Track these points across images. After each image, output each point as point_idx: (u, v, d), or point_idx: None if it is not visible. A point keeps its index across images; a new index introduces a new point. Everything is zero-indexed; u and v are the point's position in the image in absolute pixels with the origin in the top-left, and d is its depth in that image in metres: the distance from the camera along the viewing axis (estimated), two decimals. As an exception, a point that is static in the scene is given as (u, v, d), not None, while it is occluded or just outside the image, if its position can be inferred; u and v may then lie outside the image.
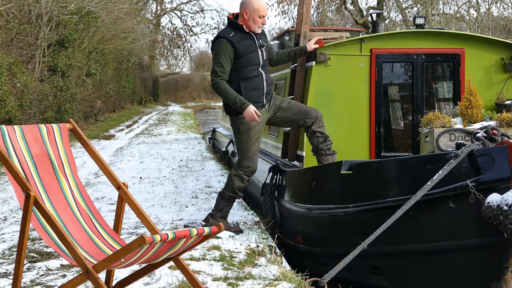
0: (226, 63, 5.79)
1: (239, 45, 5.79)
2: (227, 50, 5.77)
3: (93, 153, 3.62)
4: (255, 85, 5.90)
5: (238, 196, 6.17)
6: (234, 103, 5.75)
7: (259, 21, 5.85)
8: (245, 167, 6.05)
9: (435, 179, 4.36)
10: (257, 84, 5.91)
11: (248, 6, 5.85)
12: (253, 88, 5.89)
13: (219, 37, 5.83)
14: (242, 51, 5.81)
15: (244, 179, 6.09)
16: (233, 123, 6.04)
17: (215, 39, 5.90)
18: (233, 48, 5.78)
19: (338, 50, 6.83)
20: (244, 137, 5.99)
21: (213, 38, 5.95)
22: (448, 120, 5.80)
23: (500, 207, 4.07)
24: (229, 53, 5.78)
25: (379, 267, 5.13)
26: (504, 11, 29.18)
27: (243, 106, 5.73)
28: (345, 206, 5.13)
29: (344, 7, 34.10)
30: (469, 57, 6.91)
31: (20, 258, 3.15)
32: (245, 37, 5.85)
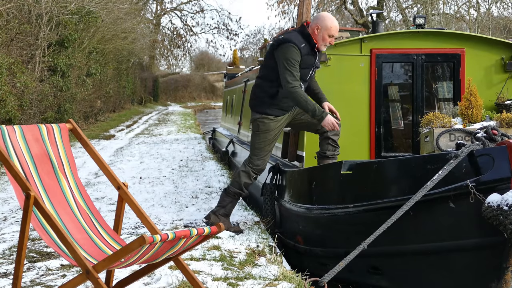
0: (297, 69, 5.76)
1: (304, 58, 5.80)
2: (297, 57, 5.74)
3: (93, 153, 3.62)
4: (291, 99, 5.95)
5: (243, 192, 6.21)
6: (313, 111, 5.78)
7: (327, 40, 5.82)
8: (254, 165, 6.11)
9: (435, 179, 4.35)
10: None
11: (320, 22, 5.82)
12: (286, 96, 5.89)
13: (291, 43, 5.74)
14: (301, 65, 5.82)
15: (251, 176, 6.14)
16: (254, 121, 6.08)
17: (285, 42, 5.78)
18: (300, 58, 5.77)
19: (338, 50, 6.84)
20: (261, 137, 6.05)
21: (282, 40, 5.82)
22: (448, 120, 5.80)
23: (500, 207, 4.07)
24: (298, 60, 5.76)
25: (379, 267, 5.13)
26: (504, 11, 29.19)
27: (322, 115, 5.78)
28: (345, 206, 5.13)
29: (344, 7, 34.11)
30: (469, 57, 6.91)
31: (20, 258, 3.15)
32: (310, 53, 5.84)
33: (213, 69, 61.32)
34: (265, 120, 5.99)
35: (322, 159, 6.09)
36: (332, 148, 6.07)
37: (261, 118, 6.02)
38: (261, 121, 6.01)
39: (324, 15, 5.88)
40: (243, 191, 6.21)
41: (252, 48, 61.15)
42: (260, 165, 6.12)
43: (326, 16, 5.86)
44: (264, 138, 6.04)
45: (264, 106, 6.00)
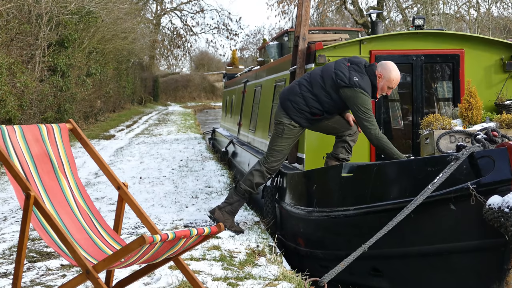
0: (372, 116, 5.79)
1: None
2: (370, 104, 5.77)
3: (93, 153, 3.62)
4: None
5: (254, 191, 6.26)
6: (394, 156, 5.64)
7: (385, 91, 5.85)
8: (271, 166, 6.19)
9: (436, 182, 4.35)
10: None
11: (384, 72, 5.79)
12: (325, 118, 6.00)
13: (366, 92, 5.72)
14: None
15: (265, 176, 6.22)
16: (281, 124, 6.07)
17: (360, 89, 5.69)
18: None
19: (337, 51, 6.84)
20: (284, 141, 6.12)
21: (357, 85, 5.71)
22: (448, 122, 5.79)
23: (501, 209, 4.06)
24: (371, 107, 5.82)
25: (380, 269, 5.12)
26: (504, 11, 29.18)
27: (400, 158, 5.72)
28: (346, 209, 5.13)
29: (344, 7, 34.09)
30: (469, 57, 6.91)
31: (20, 258, 3.15)
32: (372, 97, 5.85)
33: (213, 69, 61.33)
34: (292, 126, 6.05)
35: (332, 161, 6.09)
36: (345, 152, 6.11)
37: (289, 124, 6.05)
38: (288, 126, 6.06)
39: (390, 66, 5.78)
40: (254, 190, 6.26)
41: (252, 48, 61.12)
42: (276, 166, 6.21)
43: (391, 68, 5.77)
44: (286, 142, 6.13)
45: (300, 116, 5.99)
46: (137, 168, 11.66)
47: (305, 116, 5.96)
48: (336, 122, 6.08)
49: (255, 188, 6.25)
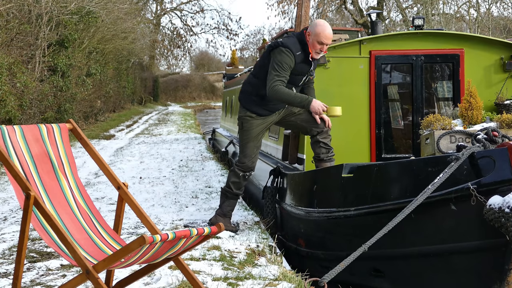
0: (286, 73, 5.77)
1: (298, 65, 5.80)
2: (290, 63, 5.75)
3: (93, 153, 3.62)
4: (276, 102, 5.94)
5: (231, 191, 6.15)
6: (299, 102, 5.80)
7: (317, 47, 5.75)
8: (240, 163, 6.11)
9: (436, 182, 4.34)
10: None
11: (311, 28, 5.77)
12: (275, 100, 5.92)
13: (287, 48, 5.74)
14: (295, 71, 5.83)
15: (237, 174, 6.11)
16: (239, 119, 6.11)
17: (281, 46, 5.76)
18: (294, 64, 5.77)
19: (337, 52, 6.83)
20: (244, 134, 6.07)
21: (279, 44, 5.80)
22: (449, 122, 5.79)
23: (501, 210, 4.06)
24: (290, 66, 5.77)
25: (381, 270, 5.12)
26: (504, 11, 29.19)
27: (308, 101, 5.79)
28: (347, 209, 5.12)
29: (344, 7, 34.10)
30: (468, 57, 6.91)
31: (20, 258, 3.14)
32: (305, 60, 5.83)
33: (213, 69, 61.31)
34: (248, 117, 6.00)
35: (319, 163, 6.09)
36: (325, 150, 6.04)
37: (245, 116, 6.03)
38: (245, 118, 6.03)
39: (317, 22, 5.79)
40: (231, 189, 6.16)
41: (252, 48, 61.13)
42: (246, 162, 6.07)
43: (318, 23, 5.76)
44: (247, 135, 6.04)
45: (251, 103, 5.99)
46: (137, 168, 11.66)
47: (254, 101, 5.96)
48: (304, 120, 6.05)
49: (232, 188, 6.14)
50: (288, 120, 6.16)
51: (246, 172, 6.12)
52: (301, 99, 5.79)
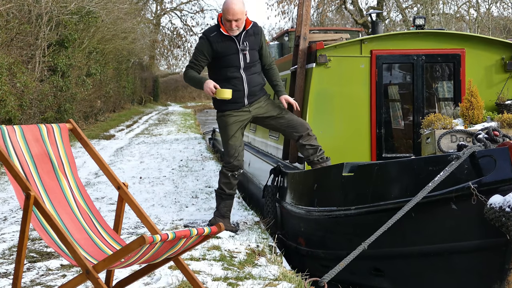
0: (200, 59, 5.90)
1: (217, 46, 5.81)
2: (204, 48, 5.86)
3: (93, 153, 3.61)
4: (233, 86, 5.88)
5: (224, 192, 6.09)
6: (197, 84, 5.90)
7: (227, 24, 5.77)
8: (225, 162, 6.08)
9: (436, 180, 4.35)
10: (236, 86, 5.88)
11: (222, 7, 5.85)
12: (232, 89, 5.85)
13: (202, 33, 5.94)
14: (220, 52, 5.83)
15: (226, 175, 6.07)
16: (217, 119, 6.13)
17: (203, 33, 5.98)
18: (211, 47, 5.83)
19: (338, 51, 6.83)
20: (223, 133, 6.06)
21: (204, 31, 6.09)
22: (449, 122, 5.78)
23: (502, 209, 4.06)
24: (205, 50, 5.86)
25: (381, 269, 5.11)
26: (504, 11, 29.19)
27: (201, 82, 5.84)
28: (347, 208, 5.12)
29: (344, 7, 34.11)
30: (469, 57, 6.90)
31: (20, 258, 3.14)
32: (225, 39, 5.82)
33: (213, 69, 61.12)
34: (221, 116, 6.02)
35: (313, 165, 6.06)
36: (312, 151, 6.02)
37: (218, 116, 6.06)
38: (219, 118, 6.05)
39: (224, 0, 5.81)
40: (224, 191, 6.09)
41: (252, 48, 61.11)
42: (231, 161, 6.01)
43: (224, 1, 5.80)
44: (225, 134, 6.01)
45: (218, 102, 5.98)
46: (137, 168, 11.65)
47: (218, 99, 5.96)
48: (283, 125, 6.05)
49: (224, 189, 6.10)
50: (269, 123, 6.15)
51: (234, 171, 6.06)
52: (199, 81, 5.88)
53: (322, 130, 6.77)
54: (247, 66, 5.91)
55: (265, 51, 6.09)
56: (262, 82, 6.10)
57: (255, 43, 5.95)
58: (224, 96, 5.74)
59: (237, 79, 5.89)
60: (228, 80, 5.89)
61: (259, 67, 6.07)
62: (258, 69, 6.04)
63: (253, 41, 5.93)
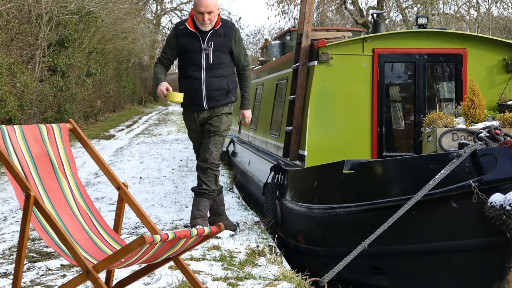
0: (167, 50, 5.75)
1: (182, 40, 5.65)
2: (172, 39, 5.73)
3: (93, 153, 3.60)
4: (191, 86, 5.69)
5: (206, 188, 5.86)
6: (156, 83, 5.72)
7: (199, 18, 5.53)
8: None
9: (437, 178, 4.34)
10: (194, 86, 5.68)
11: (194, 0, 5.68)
12: (189, 89, 5.68)
13: (175, 26, 5.80)
14: (184, 46, 5.67)
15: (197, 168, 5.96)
16: None
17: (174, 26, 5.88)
18: (176, 41, 5.70)
19: (340, 49, 6.82)
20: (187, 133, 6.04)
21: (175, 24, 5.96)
22: (451, 120, 5.78)
23: (503, 207, 4.06)
24: (172, 42, 5.73)
25: (381, 267, 5.11)
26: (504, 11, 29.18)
27: (158, 82, 5.68)
28: (347, 206, 5.12)
29: (344, 7, 34.09)
30: (471, 57, 6.89)
31: (20, 258, 3.12)
32: (189, 34, 5.65)
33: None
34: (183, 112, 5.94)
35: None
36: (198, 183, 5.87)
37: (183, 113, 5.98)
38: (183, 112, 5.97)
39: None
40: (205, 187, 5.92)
41: (252, 48, 61.12)
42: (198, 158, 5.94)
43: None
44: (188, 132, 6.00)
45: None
46: (137, 168, 11.64)
47: None
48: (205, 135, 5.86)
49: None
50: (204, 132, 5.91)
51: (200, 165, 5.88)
52: (157, 80, 5.71)
53: (323, 128, 6.76)
54: (210, 67, 5.65)
55: (238, 54, 5.78)
56: (225, 87, 5.77)
57: (223, 45, 5.67)
58: (175, 100, 5.49)
59: (196, 80, 5.67)
60: (188, 78, 5.71)
61: (227, 70, 5.76)
62: (224, 73, 5.74)
63: (221, 42, 5.65)
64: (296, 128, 6.87)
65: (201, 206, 5.83)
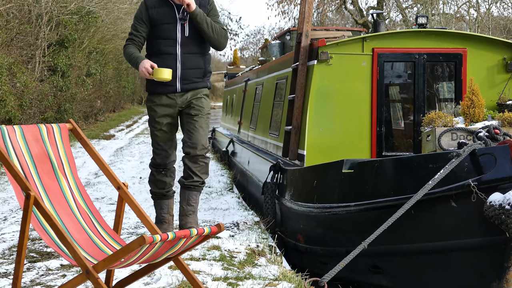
0: (138, 26, 5.10)
1: (153, 11, 5.05)
2: (141, 12, 5.12)
3: (93, 153, 3.60)
4: (164, 64, 5.00)
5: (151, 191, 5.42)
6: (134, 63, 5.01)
7: None
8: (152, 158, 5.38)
9: (436, 178, 4.35)
10: (167, 63, 5.02)
11: None
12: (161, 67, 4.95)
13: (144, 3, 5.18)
14: (155, 19, 5.06)
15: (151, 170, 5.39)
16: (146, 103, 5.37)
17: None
18: (147, 13, 5.08)
19: (340, 49, 6.82)
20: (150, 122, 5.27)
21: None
22: (450, 119, 5.78)
23: (502, 207, 4.06)
24: (143, 16, 5.09)
25: (380, 266, 5.11)
26: (504, 11, 29.18)
27: (137, 62, 4.97)
28: (347, 205, 5.12)
29: (344, 7, 34.08)
30: (471, 57, 6.90)
31: (20, 258, 3.13)
32: (163, 4, 5.06)
33: (213, 69, 61.23)
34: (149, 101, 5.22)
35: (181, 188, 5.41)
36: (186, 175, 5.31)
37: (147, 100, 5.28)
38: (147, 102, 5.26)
39: None
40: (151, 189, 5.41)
41: (252, 48, 61.10)
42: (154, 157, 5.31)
43: None
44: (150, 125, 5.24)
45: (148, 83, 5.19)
46: (137, 168, 11.65)
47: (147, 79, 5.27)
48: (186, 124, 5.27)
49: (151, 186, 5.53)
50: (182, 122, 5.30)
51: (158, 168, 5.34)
52: (135, 59, 4.98)
53: (323, 128, 6.77)
54: (185, 41, 5.05)
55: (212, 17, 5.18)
56: (203, 66, 5.19)
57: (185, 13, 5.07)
58: (163, 76, 4.85)
59: (169, 56, 5.03)
60: (160, 55, 5.04)
61: (204, 47, 5.16)
62: (200, 50, 5.14)
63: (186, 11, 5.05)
64: (295, 127, 6.87)
65: (192, 200, 5.30)
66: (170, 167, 5.38)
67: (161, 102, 5.15)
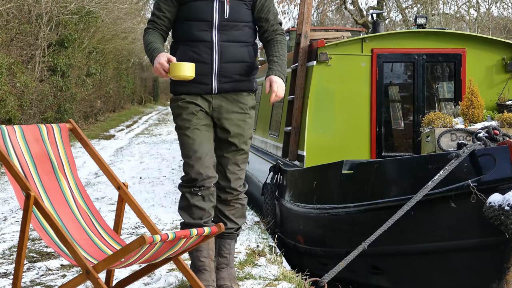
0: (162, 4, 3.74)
1: None
2: None
3: (93, 153, 3.60)
4: (196, 54, 3.67)
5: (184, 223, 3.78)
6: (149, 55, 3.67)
7: None
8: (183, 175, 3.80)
9: (436, 179, 4.35)
10: (199, 53, 3.67)
11: None
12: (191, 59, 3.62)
13: None
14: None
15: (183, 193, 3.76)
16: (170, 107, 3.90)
17: None
18: None
19: (339, 49, 6.83)
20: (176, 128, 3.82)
21: None
22: (450, 120, 5.79)
23: (501, 207, 4.06)
24: None
25: (379, 267, 5.12)
26: (504, 11, 29.18)
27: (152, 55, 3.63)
28: (346, 206, 5.13)
29: (344, 7, 34.08)
30: (470, 57, 6.90)
31: (20, 258, 3.13)
32: None
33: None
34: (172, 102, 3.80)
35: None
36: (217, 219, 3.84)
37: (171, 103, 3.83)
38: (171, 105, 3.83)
39: None
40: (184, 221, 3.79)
41: (252, 48, 61.10)
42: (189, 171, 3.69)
43: None
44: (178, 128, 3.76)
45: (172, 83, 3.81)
46: (137, 168, 11.65)
47: None
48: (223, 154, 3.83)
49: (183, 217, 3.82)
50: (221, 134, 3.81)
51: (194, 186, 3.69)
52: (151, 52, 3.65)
53: (322, 128, 6.77)
54: (224, 24, 3.68)
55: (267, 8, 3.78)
56: (247, 60, 3.79)
57: None
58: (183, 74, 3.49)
59: (203, 44, 3.67)
60: (190, 43, 3.70)
61: (249, 34, 3.78)
62: (245, 37, 3.76)
63: None
64: (295, 128, 6.88)
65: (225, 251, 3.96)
66: (209, 186, 3.71)
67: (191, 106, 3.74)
